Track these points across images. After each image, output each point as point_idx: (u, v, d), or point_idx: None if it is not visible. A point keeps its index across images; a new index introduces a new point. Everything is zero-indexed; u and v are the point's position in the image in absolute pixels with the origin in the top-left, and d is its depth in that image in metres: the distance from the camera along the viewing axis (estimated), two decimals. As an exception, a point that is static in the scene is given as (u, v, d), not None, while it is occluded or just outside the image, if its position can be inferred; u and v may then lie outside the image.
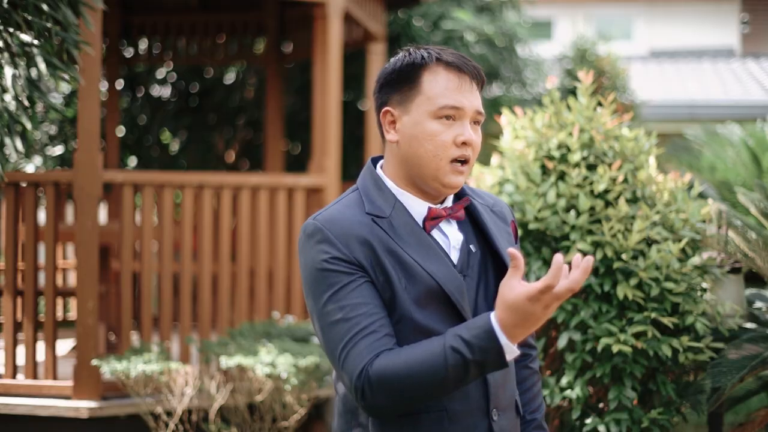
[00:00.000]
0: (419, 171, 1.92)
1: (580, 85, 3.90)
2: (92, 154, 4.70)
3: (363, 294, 1.82)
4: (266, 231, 5.36)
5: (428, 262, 1.88)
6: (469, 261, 1.96)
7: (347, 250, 1.84)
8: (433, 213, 1.93)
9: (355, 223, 1.87)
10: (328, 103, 5.65)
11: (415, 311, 1.85)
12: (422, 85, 1.91)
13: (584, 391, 3.48)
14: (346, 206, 1.92)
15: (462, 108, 1.90)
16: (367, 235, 1.86)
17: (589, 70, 4.30)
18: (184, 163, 8.98)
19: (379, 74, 1.99)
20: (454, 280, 1.88)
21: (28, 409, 4.70)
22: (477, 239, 1.99)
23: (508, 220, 2.08)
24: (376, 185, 1.95)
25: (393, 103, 1.95)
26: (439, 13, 8.08)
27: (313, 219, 1.90)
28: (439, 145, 1.89)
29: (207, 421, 4.86)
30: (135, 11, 7.69)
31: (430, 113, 1.90)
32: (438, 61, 1.92)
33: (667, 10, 13.83)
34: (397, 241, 1.87)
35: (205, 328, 5.12)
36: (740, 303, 3.72)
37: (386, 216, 1.90)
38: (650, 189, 3.69)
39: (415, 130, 1.91)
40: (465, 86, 1.92)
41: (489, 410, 1.91)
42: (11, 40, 3.29)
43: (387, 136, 1.96)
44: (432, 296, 1.87)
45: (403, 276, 1.86)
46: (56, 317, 4.77)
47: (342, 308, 1.82)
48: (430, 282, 1.86)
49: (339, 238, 1.85)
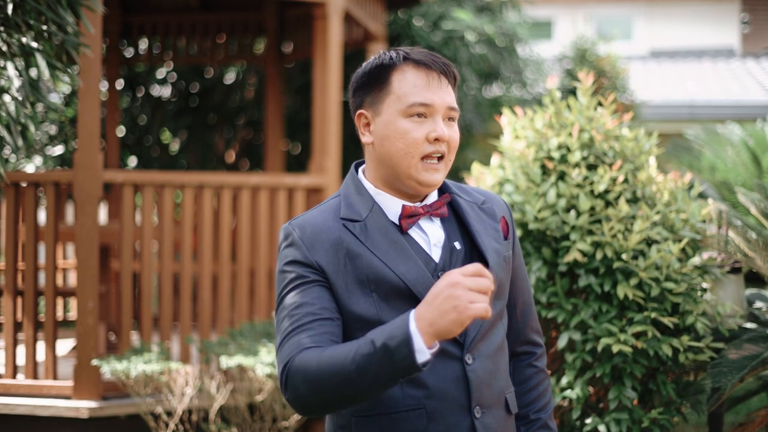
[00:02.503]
0: (394, 170, 1.94)
1: (580, 85, 3.90)
2: (92, 154, 4.70)
3: (310, 295, 1.87)
4: (266, 231, 5.36)
5: (398, 263, 1.88)
6: (451, 258, 1.96)
7: (309, 253, 1.89)
8: (408, 211, 1.94)
9: (325, 228, 1.91)
10: (328, 103, 5.65)
11: (383, 313, 1.86)
12: (392, 85, 1.93)
13: (584, 391, 3.48)
14: (321, 212, 1.96)
15: (432, 105, 1.92)
16: (334, 240, 1.90)
17: (589, 70, 4.31)
18: (185, 163, 8.98)
19: (353, 78, 2.02)
20: (423, 281, 1.88)
21: (28, 409, 4.70)
22: (462, 236, 1.99)
23: (498, 217, 2.06)
24: (357, 189, 1.98)
25: (366, 106, 1.98)
26: (439, 13, 8.08)
27: (288, 223, 1.96)
28: (411, 142, 1.91)
29: (207, 421, 4.86)
30: (135, 11, 7.69)
31: (400, 112, 1.92)
32: (406, 60, 1.94)
33: (667, 10, 13.83)
34: (368, 245, 1.89)
35: (206, 328, 5.12)
36: (740, 303, 3.72)
37: (361, 219, 1.92)
38: (650, 189, 3.69)
39: (386, 130, 1.93)
40: (434, 83, 1.93)
41: (471, 408, 1.90)
42: (11, 42, 3.29)
43: (363, 139, 1.98)
44: (402, 298, 1.88)
45: (370, 279, 1.87)
46: (56, 317, 4.77)
47: (288, 306, 1.87)
48: (399, 284, 1.87)
49: (305, 242, 1.90)
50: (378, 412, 1.89)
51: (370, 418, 1.89)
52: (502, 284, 2.00)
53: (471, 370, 1.90)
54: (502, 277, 2.00)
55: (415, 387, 1.88)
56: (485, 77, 8.48)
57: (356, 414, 1.90)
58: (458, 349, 1.91)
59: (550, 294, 3.58)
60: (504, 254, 2.02)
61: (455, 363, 1.90)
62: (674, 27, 13.78)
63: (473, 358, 1.91)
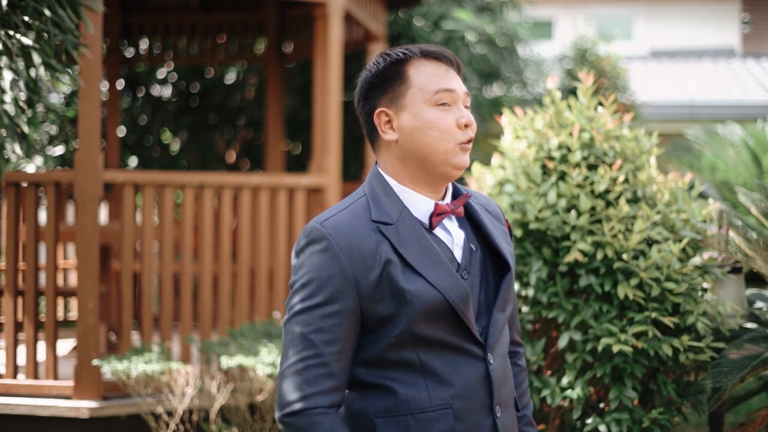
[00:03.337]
0: (428, 161, 1.93)
1: (580, 85, 3.90)
2: (93, 154, 4.70)
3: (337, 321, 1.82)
4: (267, 231, 5.36)
5: (432, 272, 1.88)
6: (471, 260, 1.97)
7: (348, 263, 1.83)
8: (440, 209, 1.94)
9: (363, 234, 1.86)
10: (328, 103, 5.65)
11: (415, 322, 1.85)
12: (411, 79, 1.94)
13: (585, 391, 3.48)
14: (353, 213, 1.90)
15: (455, 90, 1.94)
16: (372, 249, 1.85)
17: (589, 71, 4.31)
18: (185, 163, 8.98)
19: (360, 83, 2.00)
20: (458, 290, 1.88)
21: (28, 409, 4.70)
22: (476, 238, 2.01)
23: (503, 220, 2.10)
24: (383, 189, 1.95)
25: (384, 104, 1.96)
26: (439, 13, 8.08)
27: (319, 224, 1.87)
28: (445, 130, 1.92)
29: (208, 421, 4.86)
30: (135, 11, 7.69)
31: (426, 101, 1.92)
32: (418, 53, 1.96)
33: (667, 10, 13.83)
34: (402, 251, 1.87)
35: (206, 328, 5.12)
36: (741, 303, 3.72)
37: (393, 223, 1.90)
38: (651, 189, 3.69)
39: (415, 122, 1.93)
40: (449, 72, 1.96)
41: (493, 407, 1.92)
42: (10, 42, 3.29)
43: (385, 137, 1.95)
44: (435, 306, 1.87)
45: (407, 286, 1.85)
46: (57, 317, 4.77)
47: (311, 323, 1.82)
48: (433, 293, 1.86)
49: (343, 250, 1.84)
50: (404, 412, 1.87)
51: (396, 419, 1.87)
52: (512, 288, 2.03)
53: (493, 370, 1.92)
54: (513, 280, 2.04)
55: (442, 387, 1.88)
56: (486, 77, 8.48)
57: (380, 415, 1.88)
58: (481, 350, 1.92)
59: (551, 294, 3.58)
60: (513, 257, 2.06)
61: (479, 363, 1.91)
62: (675, 27, 13.78)
63: (494, 359, 1.93)
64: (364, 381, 1.89)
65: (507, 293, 1.97)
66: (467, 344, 1.90)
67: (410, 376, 1.87)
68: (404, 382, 1.87)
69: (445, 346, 1.88)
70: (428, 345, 1.87)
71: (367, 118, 1.99)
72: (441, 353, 1.88)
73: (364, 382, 1.89)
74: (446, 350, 1.89)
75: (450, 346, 1.89)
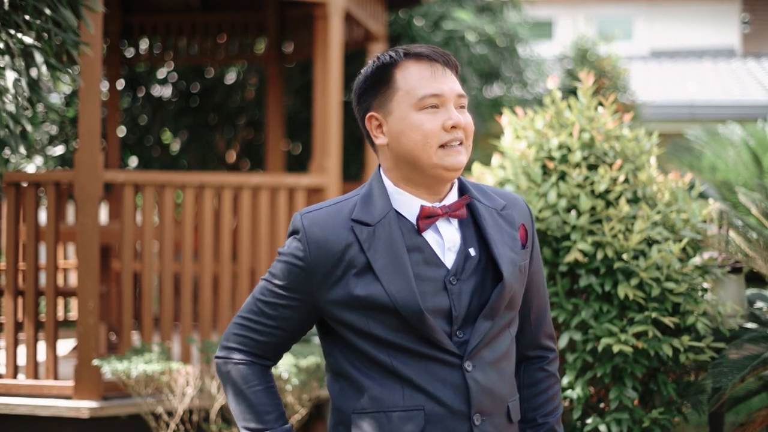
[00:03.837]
0: (415, 165, 1.91)
1: (580, 85, 3.90)
2: (93, 154, 4.70)
3: (284, 303, 1.95)
4: (267, 231, 5.36)
5: (393, 281, 1.87)
6: (465, 265, 1.93)
7: (313, 259, 1.91)
8: (426, 211, 1.91)
9: (335, 233, 1.90)
10: (328, 103, 5.65)
11: (373, 328, 1.88)
12: (397, 83, 1.93)
13: (585, 391, 3.48)
14: (337, 211, 1.94)
15: (442, 94, 1.91)
16: (340, 250, 1.90)
17: (589, 70, 4.31)
18: (185, 163, 8.98)
19: (355, 85, 2.00)
20: (411, 305, 1.86)
21: (28, 409, 4.71)
22: (478, 243, 1.96)
23: (517, 224, 2.01)
24: (379, 190, 1.95)
25: (375, 108, 1.96)
26: (439, 13, 8.08)
27: (301, 215, 1.95)
28: (428, 133, 1.89)
29: (208, 421, 4.86)
30: (135, 11, 7.69)
31: (412, 106, 1.91)
32: (406, 56, 1.94)
33: (667, 10, 13.83)
34: (369, 255, 1.88)
35: (206, 328, 5.12)
36: (741, 303, 3.72)
37: (372, 224, 1.90)
38: (651, 189, 3.69)
39: (401, 126, 1.92)
40: (438, 73, 1.93)
41: (471, 415, 1.89)
42: (11, 42, 3.29)
43: (377, 141, 1.96)
44: (388, 315, 1.87)
45: (365, 289, 1.87)
46: (57, 317, 4.77)
47: (266, 293, 1.97)
48: (387, 302, 1.86)
49: (311, 245, 1.91)
50: (377, 409, 1.89)
51: (369, 415, 1.89)
52: (515, 295, 1.97)
53: (471, 378, 1.89)
54: (516, 288, 1.97)
55: (414, 390, 1.88)
56: (486, 77, 8.48)
57: (356, 411, 1.91)
58: (456, 358, 1.89)
59: (551, 294, 3.58)
60: (520, 264, 1.98)
61: (454, 370, 1.89)
62: (675, 27, 13.78)
63: (473, 366, 1.90)
64: (347, 375, 1.92)
65: (498, 302, 1.92)
66: (437, 352, 1.88)
67: (385, 378, 1.89)
68: (380, 382, 1.89)
69: (414, 352, 1.88)
70: (399, 350, 1.88)
71: (362, 123, 2.00)
72: (414, 358, 1.88)
73: (348, 377, 1.92)
74: (418, 356, 1.88)
75: (420, 354, 1.88)
